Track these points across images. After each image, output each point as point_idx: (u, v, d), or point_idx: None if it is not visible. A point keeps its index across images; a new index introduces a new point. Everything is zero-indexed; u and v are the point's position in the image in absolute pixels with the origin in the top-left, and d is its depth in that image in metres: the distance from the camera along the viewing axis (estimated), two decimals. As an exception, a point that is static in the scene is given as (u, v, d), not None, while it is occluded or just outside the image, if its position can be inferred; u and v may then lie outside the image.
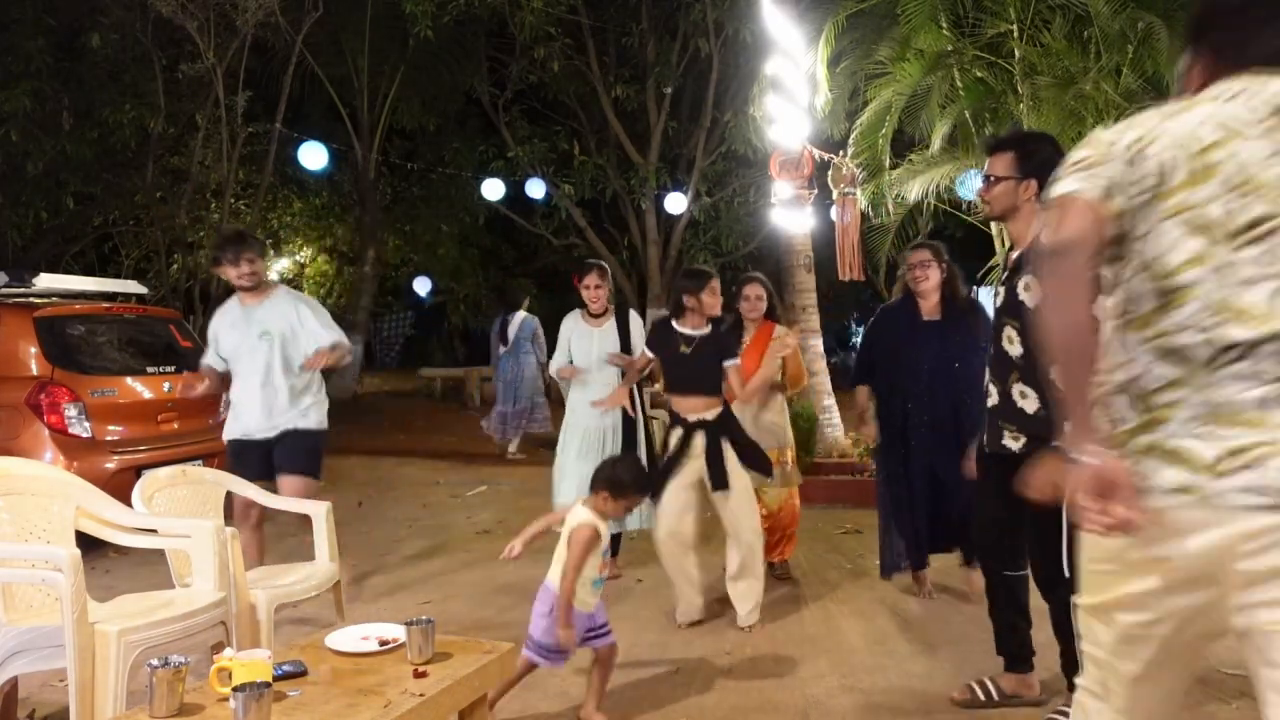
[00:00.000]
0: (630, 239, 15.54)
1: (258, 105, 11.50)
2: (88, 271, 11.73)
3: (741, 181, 14.04)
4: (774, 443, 4.65)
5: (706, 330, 4.19)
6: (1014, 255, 3.06)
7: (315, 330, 4.35)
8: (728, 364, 4.16)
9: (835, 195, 7.77)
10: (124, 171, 11.23)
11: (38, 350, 5.47)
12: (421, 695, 2.24)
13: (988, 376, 3.15)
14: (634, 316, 5.02)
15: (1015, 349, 2.96)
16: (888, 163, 8.10)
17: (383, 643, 2.52)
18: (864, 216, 8.04)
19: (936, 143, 7.50)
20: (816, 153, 7.97)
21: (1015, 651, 3.24)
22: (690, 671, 3.62)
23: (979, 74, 7.86)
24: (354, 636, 2.58)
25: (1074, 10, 7.18)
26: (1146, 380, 1.58)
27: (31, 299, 5.98)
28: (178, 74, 10.31)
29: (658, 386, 5.05)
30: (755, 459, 4.19)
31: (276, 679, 2.21)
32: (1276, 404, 1.47)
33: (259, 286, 4.37)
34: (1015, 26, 7.39)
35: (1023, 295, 2.93)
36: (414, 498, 7.57)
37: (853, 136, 8.16)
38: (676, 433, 4.13)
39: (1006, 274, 3.08)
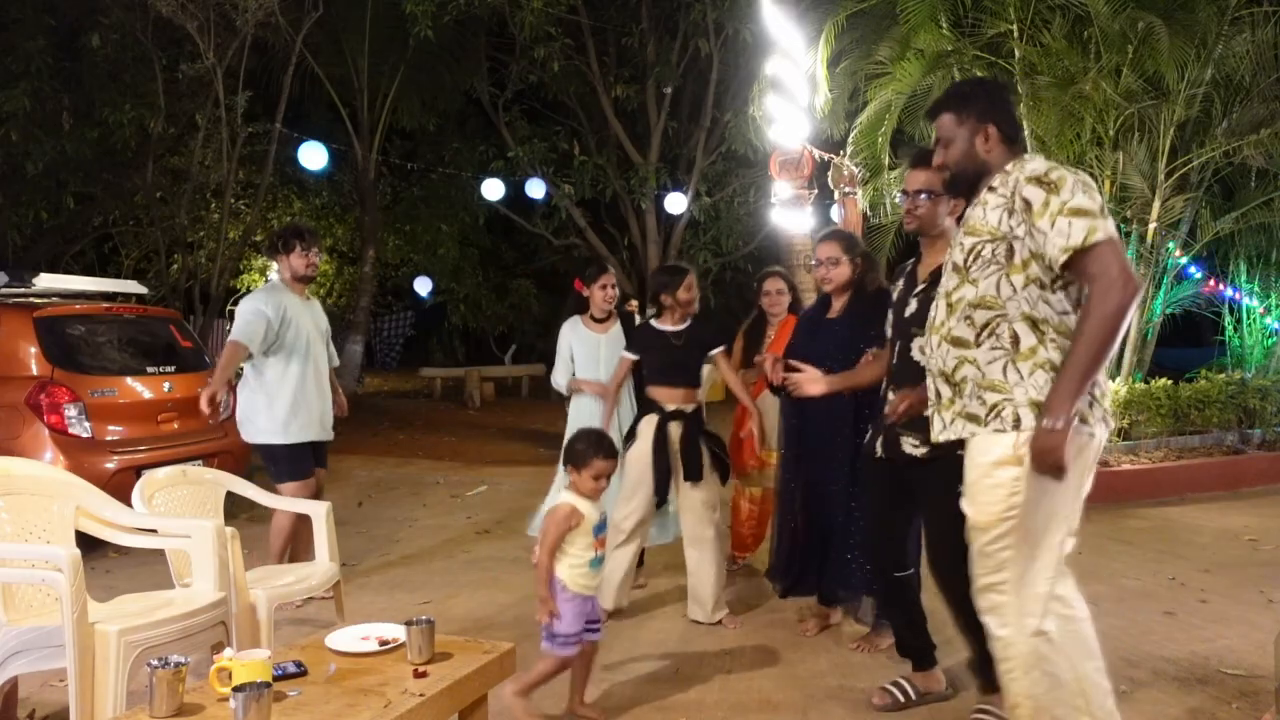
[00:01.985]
0: (630, 239, 15.54)
1: (258, 105, 11.49)
2: (88, 271, 11.74)
3: (741, 181, 14.05)
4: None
5: (687, 325, 4.18)
6: (929, 270, 3.02)
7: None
8: (715, 351, 4.19)
9: (836, 195, 7.77)
10: (124, 171, 11.23)
11: (38, 350, 5.47)
12: (421, 695, 2.24)
13: (885, 383, 3.13)
14: (635, 318, 5.00)
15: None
16: (887, 162, 8.10)
17: (383, 643, 2.52)
18: (864, 216, 8.05)
19: (936, 142, 7.49)
20: (816, 153, 7.97)
21: (919, 649, 3.26)
22: (690, 671, 3.62)
23: (979, 74, 7.86)
24: (354, 636, 2.58)
25: (1074, 10, 7.18)
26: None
27: (31, 299, 5.98)
28: (178, 74, 10.30)
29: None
30: (721, 461, 4.18)
31: (276, 679, 2.21)
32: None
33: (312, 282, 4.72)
34: (1015, 26, 7.39)
35: None
36: (414, 498, 7.57)
37: (852, 136, 8.17)
38: (651, 420, 4.08)
39: (923, 286, 3.01)
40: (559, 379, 4.77)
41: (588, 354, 4.70)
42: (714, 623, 4.11)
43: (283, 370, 4.43)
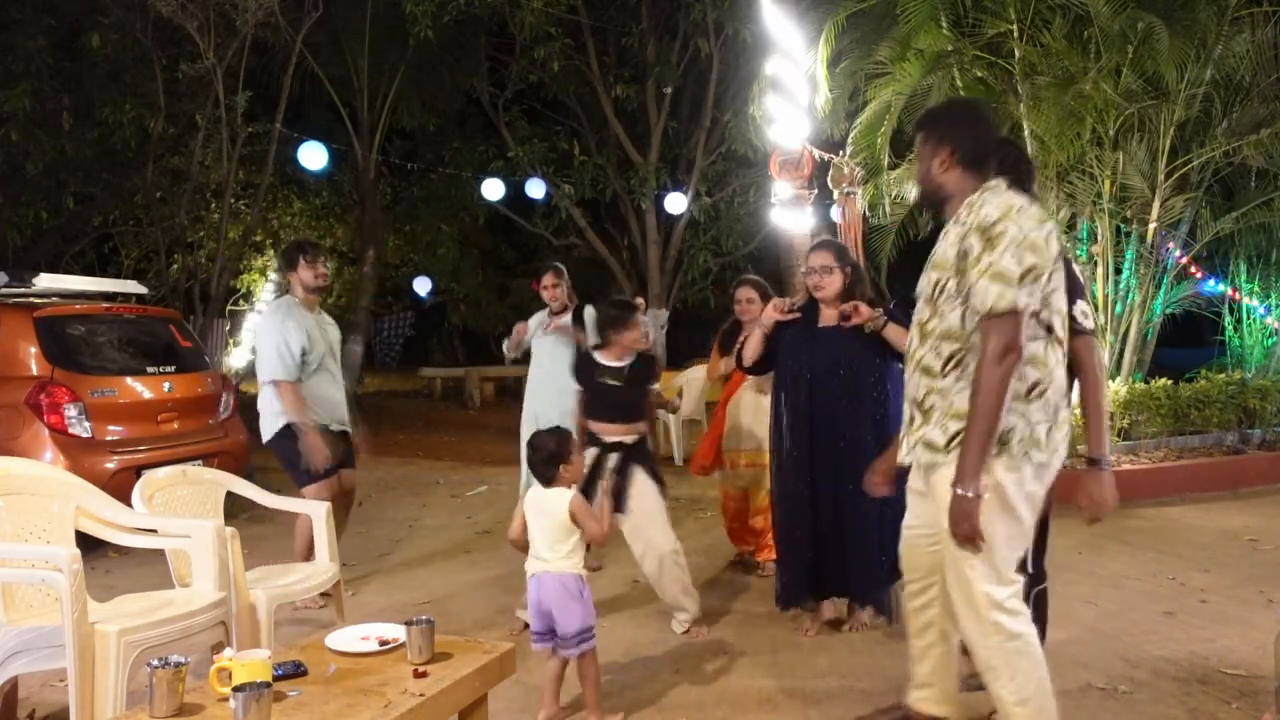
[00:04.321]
0: (630, 239, 15.54)
1: (258, 105, 11.50)
2: (88, 271, 11.74)
3: (741, 181, 14.05)
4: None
5: (629, 362, 4.11)
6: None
7: None
8: (651, 387, 4.27)
9: (837, 195, 7.77)
10: (124, 171, 11.23)
11: (38, 350, 5.48)
12: (421, 695, 2.24)
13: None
14: (589, 311, 5.06)
15: None
16: (887, 162, 8.10)
17: (383, 643, 2.52)
18: (864, 216, 8.05)
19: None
20: (816, 153, 7.97)
21: None
22: (690, 671, 3.62)
23: (979, 74, 7.87)
24: (354, 636, 2.58)
25: (1074, 10, 7.18)
26: None
27: (31, 299, 5.98)
28: (178, 74, 10.31)
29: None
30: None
31: (276, 679, 2.21)
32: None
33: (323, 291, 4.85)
34: (1015, 26, 7.38)
35: None
36: (414, 498, 7.57)
37: (852, 136, 8.16)
38: (590, 452, 4.04)
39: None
40: (508, 350, 5.25)
41: (539, 343, 5.14)
42: (683, 631, 4.07)
43: (312, 373, 4.59)
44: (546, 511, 3.09)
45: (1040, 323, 2.43)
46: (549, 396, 4.93)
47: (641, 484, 4.01)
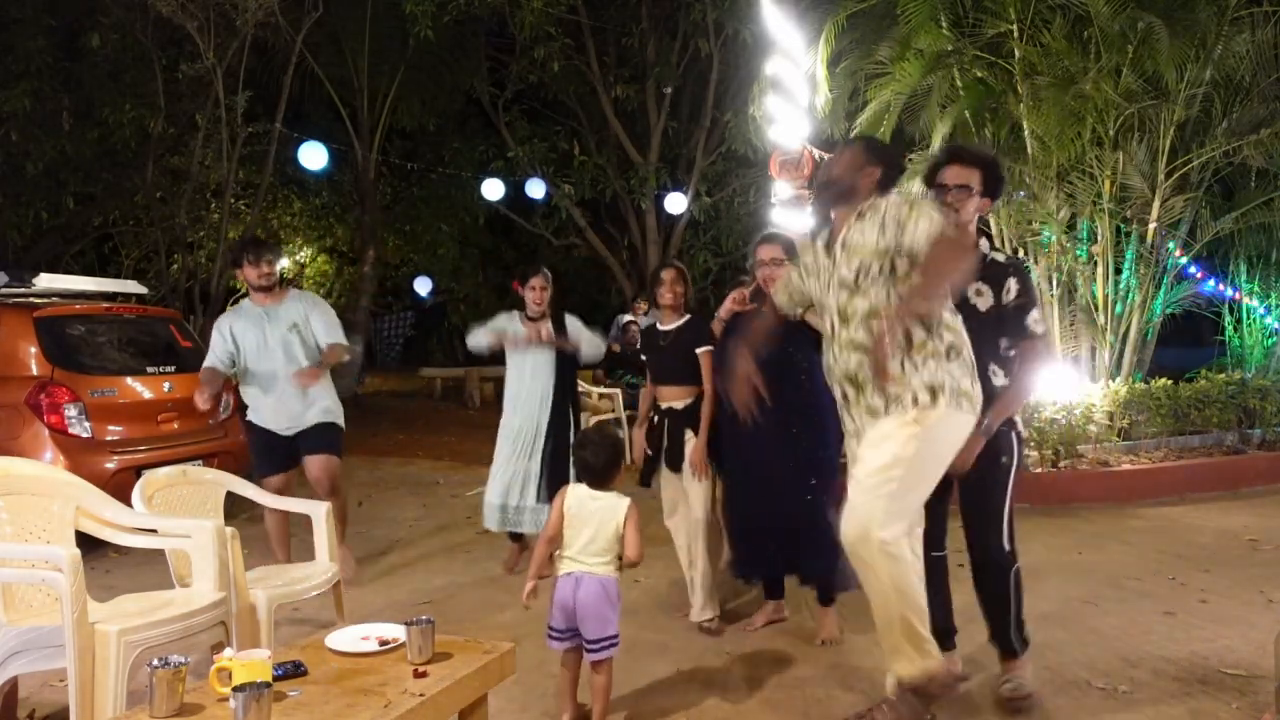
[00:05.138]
0: (630, 239, 15.54)
1: (258, 105, 11.49)
2: (88, 271, 11.73)
3: (741, 181, 14.03)
4: None
5: (676, 326, 4.23)
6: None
7: (320, 329, 4.79)
8: (701, 351, 4.25)
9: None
10: (124, 171, 11.23)
11: (38, 350, 5.48)
12: (421, 695, 2.24)
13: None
14: (570, 319, 5.05)
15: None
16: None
17: (383, 643, 2.52)
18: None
19: (936, 142, 7.50)
20: (816, 153, 7.97)
21: (944, 630, 3.26)
22: (690, 671, 3.62)
23: (979, 74, 7.87)
24: (354, 636, 2.58)
25: (1074, 10, 7.18)
26: None
27: (31, 299, 5.98)
28: (178, 74, 10.30)
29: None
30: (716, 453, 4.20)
31: (276, 679, 2.21)
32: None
33: (274, 288, 4.80)
34: (1015, 26, 7.39)
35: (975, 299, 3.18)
36: (414, 498, 7.57)
37: (852, 136, 8.16)
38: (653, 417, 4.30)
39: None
40: (479, 339, 5.00)
41: (524, 357, 4.95)
42: (698, 622, 4.10)
43: (252, 374, 4.77)
44: (598, 515, 3.02)
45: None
46: (530, 410, 4.91)
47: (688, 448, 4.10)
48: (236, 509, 4.69)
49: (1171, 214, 7.70)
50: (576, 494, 3.08)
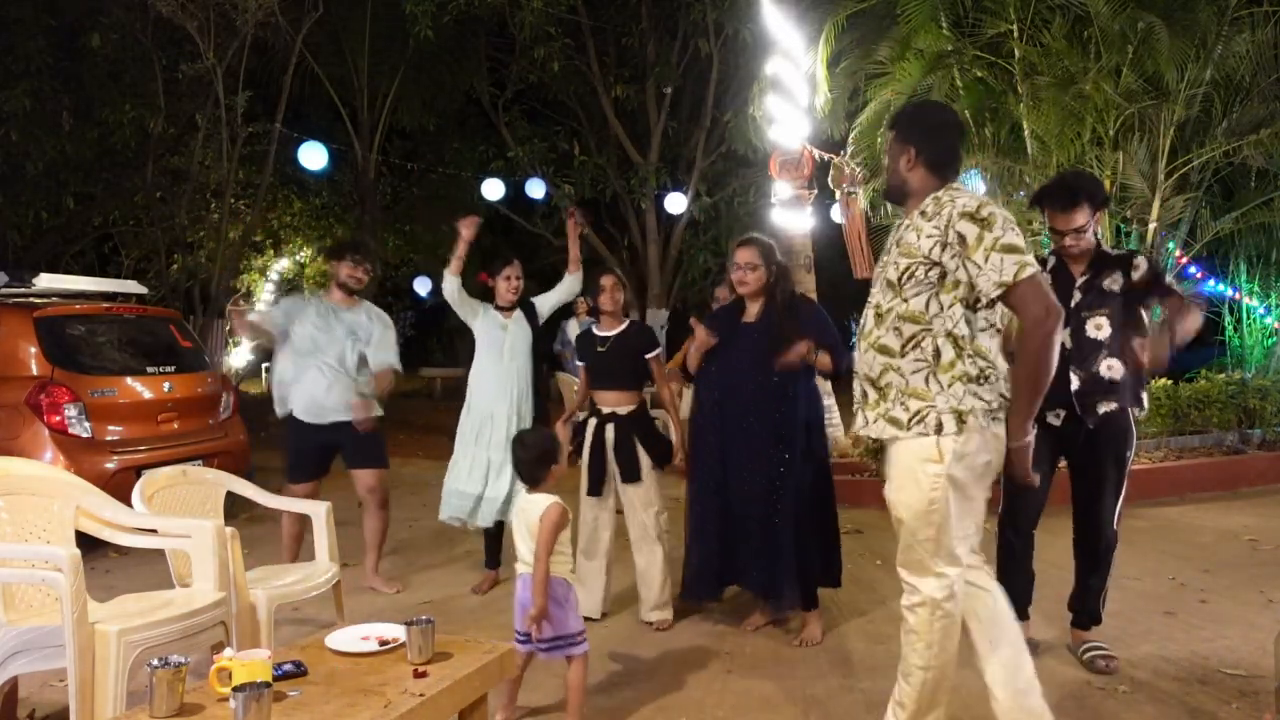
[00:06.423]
0: (630, 239, 15.54)
1: (258, 105, 11.50)
2: (88, 271, 11.75)
3: (741, 181, 14.04)
4: None
5: (617, 331, 4.23)
6: (1079, 270, 3.50)
7: (375, 341, 4.99)
8: (649, 355, 4.28)
9: (839, 195, 7.77)
10: (124, 171, 11.24)
11: (38, 350, 5.48)
12: (421, 695, 2.23)
13: (1065, 364, 3.35)
14: (536, 299, 5.11)
15: (1103, 334, 3.40)
16: (887, 163, 8.10)
17: (383, 643, 2.52)
18: (865, 216, 8.04)
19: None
20: (816, 153, 7.97)
21: (1023, 602, 3.50)
22: (690, 671, 3.62)
23: (979, 74, 7.86)
24: (354, 636, 2.58)
25: (1074, 10, 7.18)
26: None
27: (31, 299, 5.98)
28: (178, 74, 10.31)
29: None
30: (662, 454, 4.20)
31: (276, 679, 2.21)
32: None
33: (355, 293, 4.99)
34: (1015, 26, 7.38)
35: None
36: (414, 498, 7.57)
37: (852, 136, 8.17)
38: (590, 423, 4.24)
39: (1084, 279, 3.46)
40: (454, 292, 4.99)
41: (491, 338, 4.93)
42: (649, 623, 4.12)
43: (303, 363, 4.78)
44: (526, 515, 3.05)
45: (993, 314, 2.61)
46: (511, 398, 4.85)
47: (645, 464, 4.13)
48: (236, 509, 4.69)
49: (1171, 214, 7.70)
50: (521, 496, 3.17)
